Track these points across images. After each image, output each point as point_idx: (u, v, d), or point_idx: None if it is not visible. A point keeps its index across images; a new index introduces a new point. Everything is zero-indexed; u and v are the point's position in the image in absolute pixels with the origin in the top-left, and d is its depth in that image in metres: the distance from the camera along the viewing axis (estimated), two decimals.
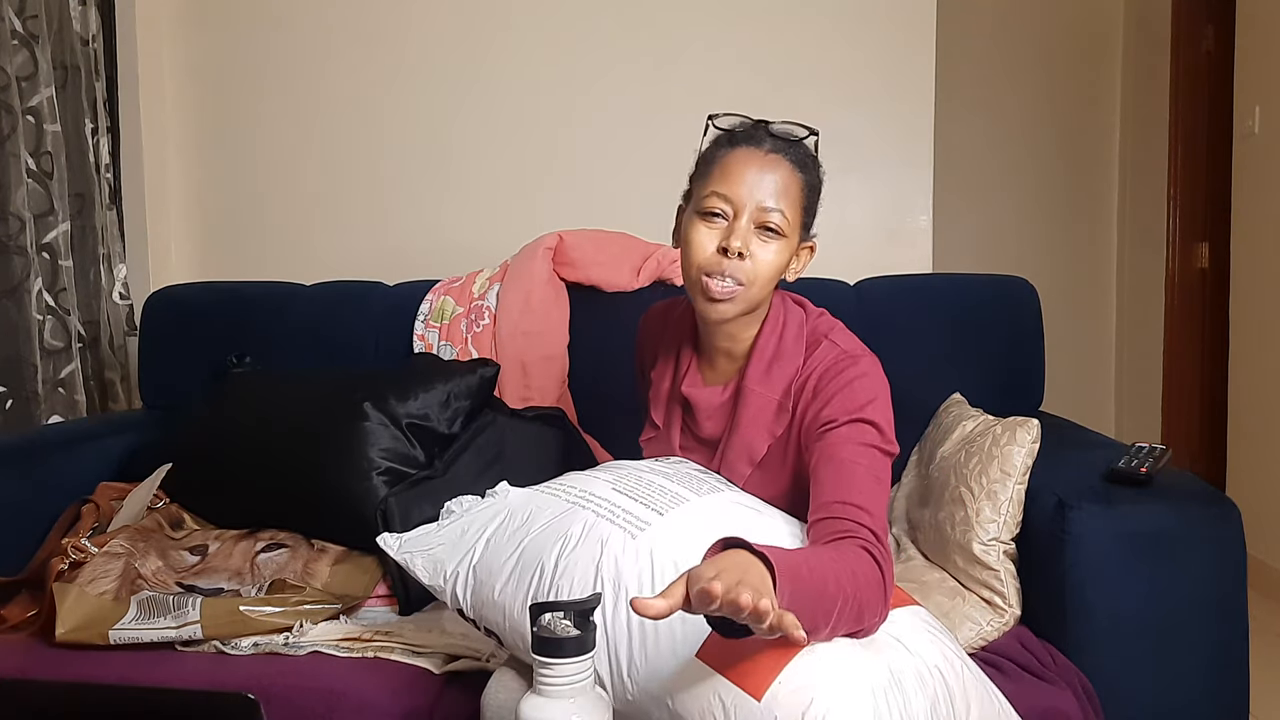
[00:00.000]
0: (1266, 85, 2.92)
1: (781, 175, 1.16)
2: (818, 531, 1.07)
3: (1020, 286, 1.94)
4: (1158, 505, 1.38)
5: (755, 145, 1.17)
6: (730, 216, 1.16)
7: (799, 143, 1.19)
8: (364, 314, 2.10)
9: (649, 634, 1.01)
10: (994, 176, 3.91)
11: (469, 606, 1.18)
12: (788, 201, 1.16)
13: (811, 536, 1.08)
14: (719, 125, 1.21)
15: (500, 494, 1.27)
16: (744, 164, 1.16)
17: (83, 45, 2.34)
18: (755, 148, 1.17)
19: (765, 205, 1.15)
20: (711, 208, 1.16)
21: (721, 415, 1.28)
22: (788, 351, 1.22)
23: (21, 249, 2.12)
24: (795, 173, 1.17)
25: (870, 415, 1.13)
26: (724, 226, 1.16)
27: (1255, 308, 3.00)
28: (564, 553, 1.10)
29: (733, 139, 1.19)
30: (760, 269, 1.16)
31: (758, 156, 1.16)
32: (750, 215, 1.15)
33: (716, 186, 1.16)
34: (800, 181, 1.18)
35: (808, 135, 1.19)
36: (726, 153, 1.18)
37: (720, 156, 1.18)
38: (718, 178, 1.17)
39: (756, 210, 1.15)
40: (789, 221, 1.16)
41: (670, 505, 1.12)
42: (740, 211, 1.15)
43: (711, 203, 1.16)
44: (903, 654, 1.00)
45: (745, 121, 1.20)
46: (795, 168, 1.17)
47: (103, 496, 1.82)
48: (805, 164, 1.19)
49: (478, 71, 2.52)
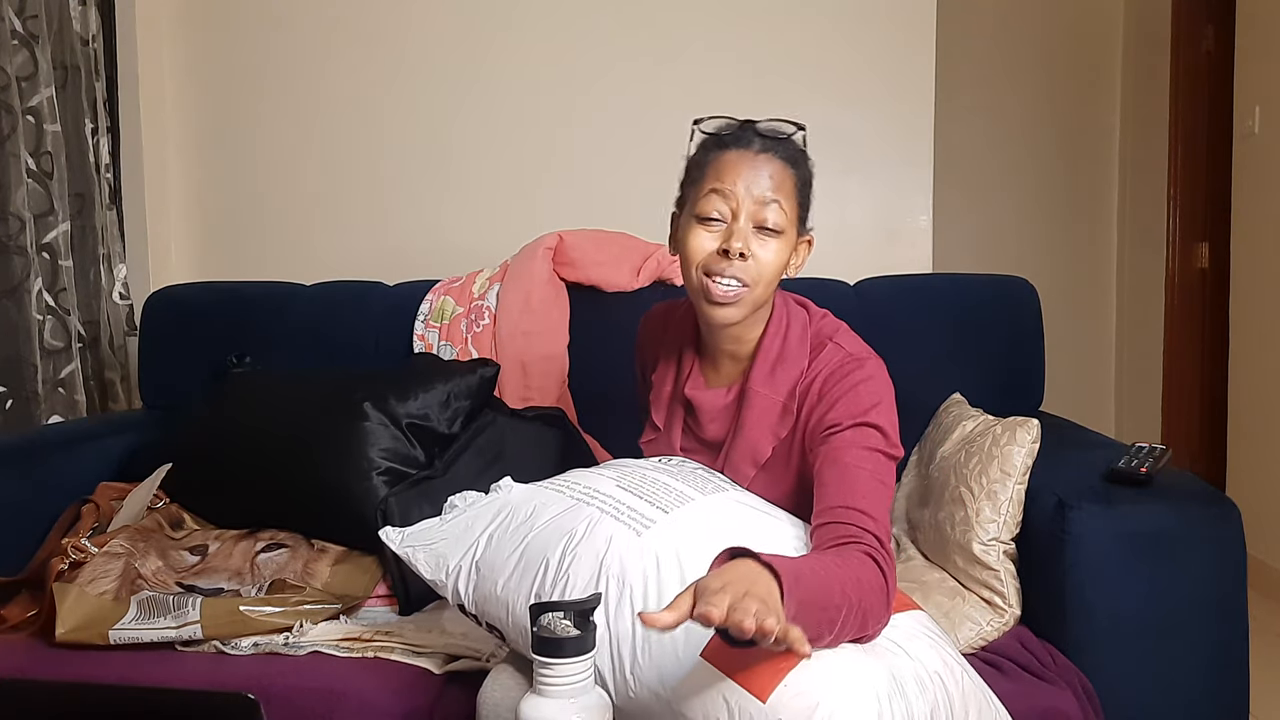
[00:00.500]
0: (1266, 85, 2.92)
1: (775, 172, 1.16)
2: (821, 535, 1.07)
3: (1020, 286, 1.94)
4: (1158, 505, 1.38)
5: (745, 146, 1.17)
6: (728, 218, 1.16)
7: (787, 139, 1.19)
8: (364, 314, 2.10)
9: (653, 632, 1.01)
10: (994, 176, 3.90)
11: (471, 602, 1.18)
12: (783, 197, 1.17)
13: (815, 540, 1.08)
14: (705, 129, 1.22)
15: (503, 489, 1.27)
16: (736, 165, 1.16)
17: (83, 45, 2.34)
18: (745, 149, 1.17)
19: (763, 201, 1.15)
20: (709, 211, 1.17)
21: (725, 417, 1.27)
22: (792, 353, 1.22)
23: (21, 249, 2.12)
24: (787, 168, 1.18)
25: (875, 419, 1.13)
26: (723, 229, 1.17)
27: (1255, 308, 3.00)
28: (568, 549, 1.09)
29: (721, 142, 1.19)
30: (763, 269, 1.16)
31: (749, 157, 1.17)
32: (748, 215, 1.15)
33: (712, 189, 1.17)
34: (793, 176, 1.19)
35: (795, 131, 1.20)
36: (717, 155, 1.18)
37: (711, 160, 1.19)
38: (712, 180, 1.17)
39: (754, 209, 1.15)
40: (786, 217, 1.17)
41: (676, 504, 1.12)
42: (738, 212, 1.16)
43: (708, 205, 1.17)
44: (904, 659, 1.00)
45: (731, 123, 1.20)
46: (787, 164, 1.18)
47: (103, 496, 1.82)
48: (796, 159, 1.20)
49: (478, 71, 2.52)
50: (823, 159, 1.24)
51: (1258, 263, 2.99)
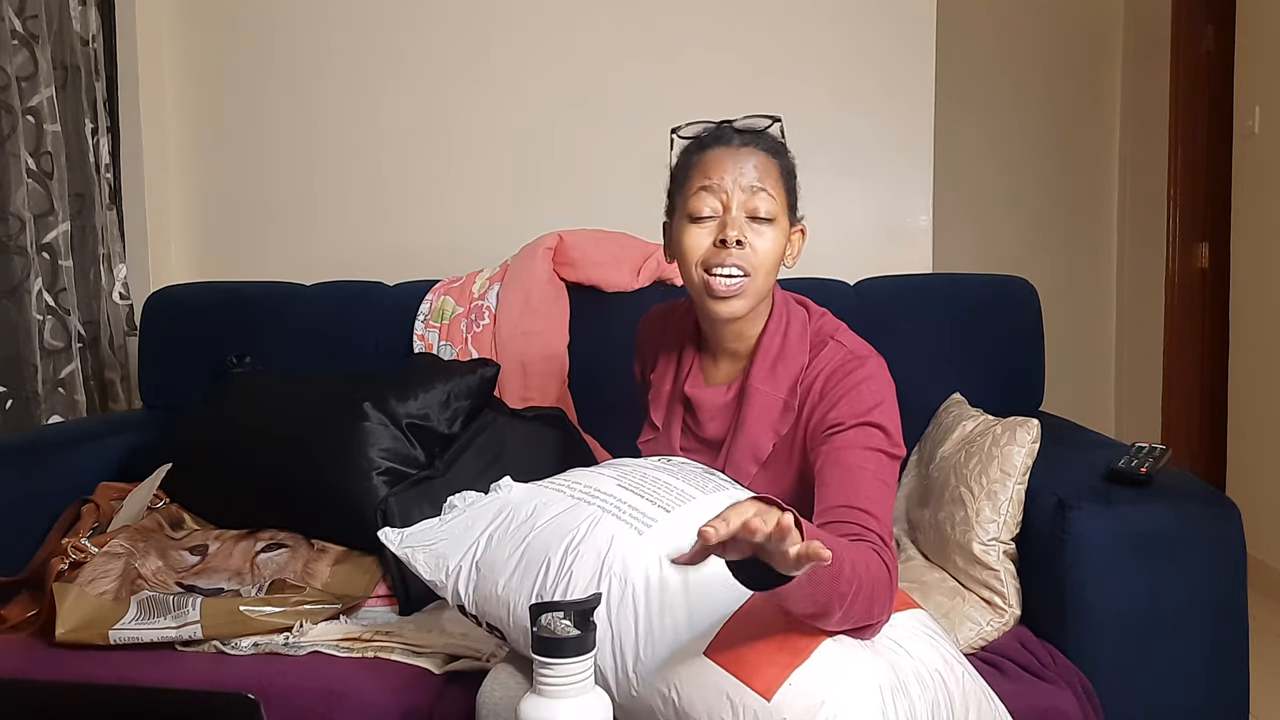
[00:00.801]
0: (1266, 85, 2.92)
1: (759, 163, 1.19)
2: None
3: (1020, 286, 1.94)
4: (1158, 505, 1.38)
5: (725, 143, 1.20)
6: (720, 211, 1.18)
7: (765, 132, 1.22)
8: (364, 314, 2.10)
9: (655, 630, 1.01)
10: (994, 176, 3.90)
11: (471, 602, 1.17)
12: (771, 185, 1.19)
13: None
14: (684, 135, 1.24)
15: (503, 489, 1.26)
16: (720, 160, 1.19)
17: (83, 45, 2.34)
18: (726, 145, 1.20)
19: (752, 189, 1.17)
20: (700, 209, 1.19)
21: (725, 415, 1.28)
22: (792, 349, 1.22)
23: (21, 249, 2.12)
24: (770, 159, 1.20)
25: (877, 418, 1.13)
26: (716, 222, 1.18)
27: (1255, 308, 3.00)
28: (570, 548, 1.09)
29: (702, 143, 1.22)
30: (761, 257, 1.18)
31: (731, 152, 1.19)
32: (740, 205, 1.17)
33: (700, 187, 1.18)
34: (777, 166, 1.21)
35: (771, 123, 1.22)
36: (700, 156, 1.21)
37: (695, 161, 1.21)
38: (699, 179, 1.19)
39: (744, 198, 1.17)
40: (777, 203, 1.19)
41: (677, 502, 1.12)
42: (729, 204, 1.18)
43: (699, 202, 1.19)
44: (905, 658, 1.00)
45: (709, 125, 1.23)
46: (768, 154, 1.20)
47: (103, 496, 1.82)
48: (777, 150, 1.22)
49: (478, 71, 2.52)
50: (823, 159, 1.25)
51: (1258, 263, 2.99)
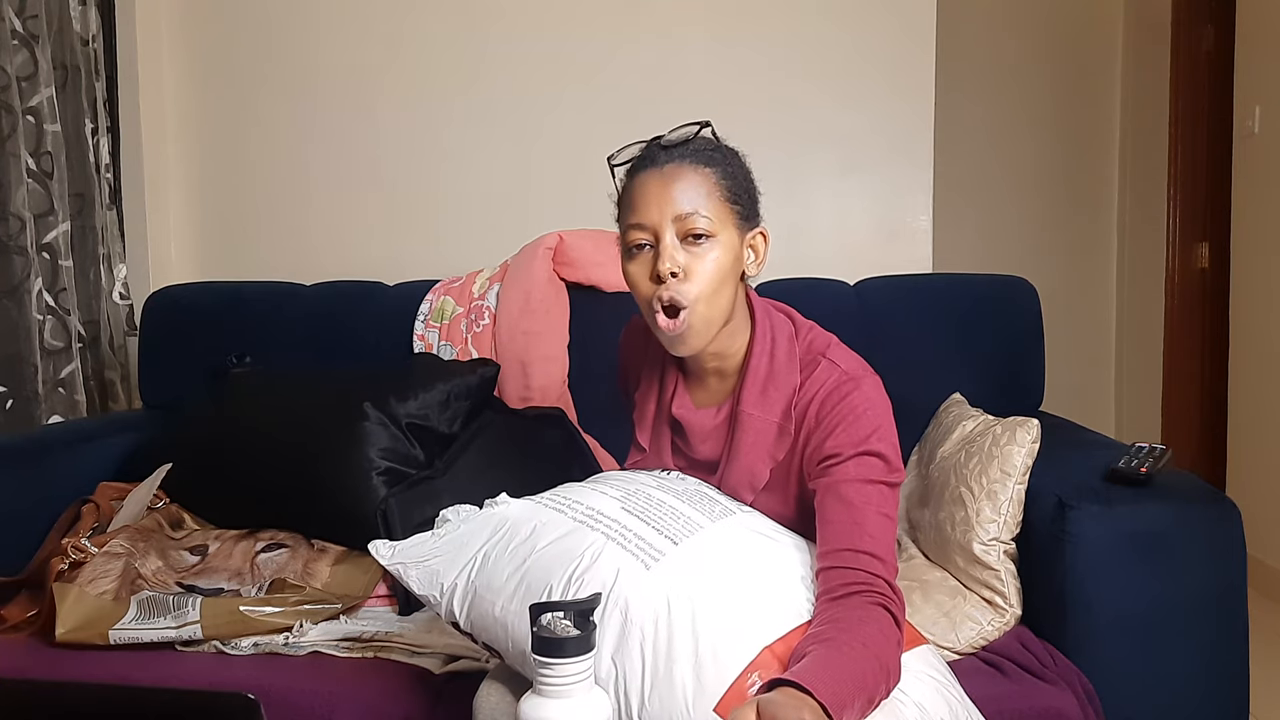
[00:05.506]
0: (1266, 85, 2.92)
1: (686, 182, 1.13)
2: (829, 579, 1.05)
3: (1020, 286, 1.95)
4: (1158, 505, 1.37)
5: (651, 165, 1.14)
6: (653, 242, 1.13)
7: (693, 141, 1.16)
8: (364, 314, 2.10)
9: (661, 676, 0.98)
10: (994, 176, 3.90)
11: (466, 621, 1.14)
12: (704, 202, 1.12)
13: (822, 583, 1.05)
14: (616, 163, 1.20)
15: (500, 504, 1.22)
16: (645, 190, 1.13)
17: (83, 45, 2.34)
18: (652, 168, 1.14)
19: (681, 214, 1.12)
20: (634, 241, 1.14)
21: (717, 438, 1.23)
22: (781, 370, 1.18)
23: (21, 249, 2.12)
24: (700, 170, 1.14)
25: (875, 445, 1.10)
26: (650, 255, 1.13)
27: (1255, 308, 3.00)
28: (573, 577, 1.05)
29: (632, 170, 1.17)
30: (700, 283, 1.12)
31: (656, 175, 1.13)
32: (671, 232, 1.12)
33: (630, 220, 1.14)
34: (710, 177, 1.14)
35: (699, 129, 1.17)
36: (631, 185, 1.16)
37: (626, 191, 1.17)
38: (629, 215, 1.15)
39: (675, 224, 1.12)
40: (713, 220, 1.13)
41: (685, 533, 1.08)
42: (660, 233, 1.12)
43: (632, 237, 1.14)
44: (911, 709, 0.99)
45: (639, 146, 1.18)
46: (699, 166, 1.14)
47: (103, 496, 1.82)
48: (710, 158, 1.15)
49: (477, 70, 2.52)
50: (823, 159, 1.24)
51: (1258, 263, 2.99)
